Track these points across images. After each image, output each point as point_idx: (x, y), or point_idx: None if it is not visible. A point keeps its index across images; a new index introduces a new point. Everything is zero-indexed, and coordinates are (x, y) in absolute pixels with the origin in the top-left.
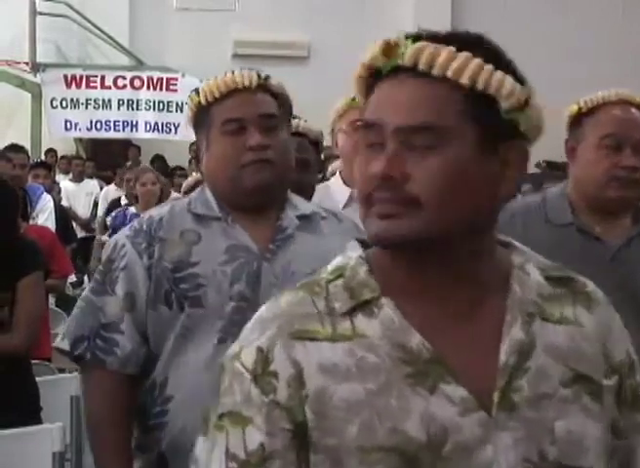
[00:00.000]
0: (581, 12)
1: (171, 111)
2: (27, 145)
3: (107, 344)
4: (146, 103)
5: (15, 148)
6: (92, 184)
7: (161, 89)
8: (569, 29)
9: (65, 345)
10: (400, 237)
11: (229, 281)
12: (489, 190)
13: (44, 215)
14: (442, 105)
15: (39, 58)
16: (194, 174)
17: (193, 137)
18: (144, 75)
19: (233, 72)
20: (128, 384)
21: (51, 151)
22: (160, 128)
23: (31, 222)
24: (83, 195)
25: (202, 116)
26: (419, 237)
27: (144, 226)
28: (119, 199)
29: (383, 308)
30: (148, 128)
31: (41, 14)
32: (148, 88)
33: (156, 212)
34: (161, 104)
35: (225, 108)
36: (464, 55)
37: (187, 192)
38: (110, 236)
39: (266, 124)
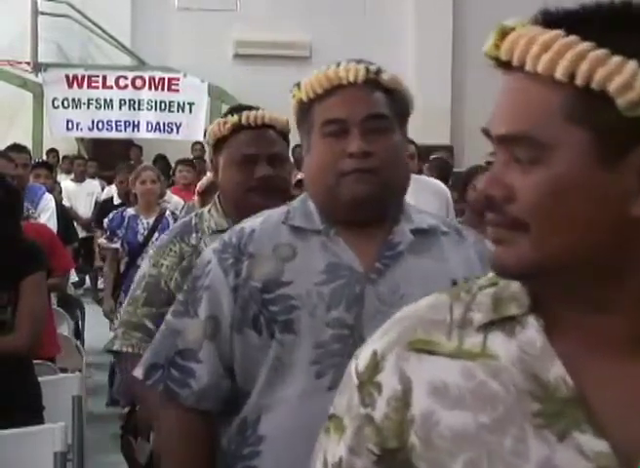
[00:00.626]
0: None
1: (172, 111)
2: (29, 145)
3: (182, 375)
4: (148, 103)
5: (17, 148)
6: (93, 184)
7: (163, 89)
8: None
9: (139, 373)
10: (510, 268)
11: (326, 304)
12: (616, 207)
13: (46, 215)
14: (539, 109)
15: (41, 58)
16: (208, 173)
17: (195, 137)
18: (146, 75)
19: (339, 64)
20: (208, 422)
21: (52, 151)
22: (162, 128)
23: (33, 222)
24: (84, 195)
25: (303, 114)
26: (529, 266)
27: (234, 239)
28: (112, 199)
29: (528, 328)
30: (150, 128)
31: (43, 13)
32: (150, 88)
33: (249, 223)
34: (163, 104)
35: (327, 107)
36: (566, 40)
37: (202, 194)
38: (108, 239)
39: (374, 126)
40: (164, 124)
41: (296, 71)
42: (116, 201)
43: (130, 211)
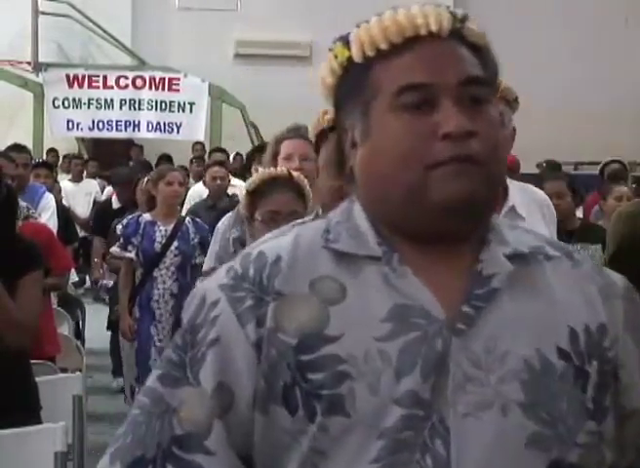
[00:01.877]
0: (585, 17)
1: (173, 111)
2: (29, 145)
3: None
4: (148, 103)
5: (17, 148)
6: (91, 184)
7: (163, 89)
8: (571, 31)
9: None
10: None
11: (394, 371)
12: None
13: (46, 215)
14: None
15: (41, 58)
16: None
17: (195, 137)
18: (146, 75)
19: (410, 9)
20: None
21: (52, 151)
22: (162, 127)
23: (33, 222)
24: (82, 195)
25: (354, 81)
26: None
27: (250, 270)
28: (109, 201)
29: None
30: (150, 127)
31: (43, 13)
32: (150, 88)
33: (270, 244)
34: (163, 104)
35: (401, 68)
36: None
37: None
38: (122, 248)
39: (472, 95)
40: (164, 124)
41: (296, 71)
42: (115, 205)
43: (146, 216)
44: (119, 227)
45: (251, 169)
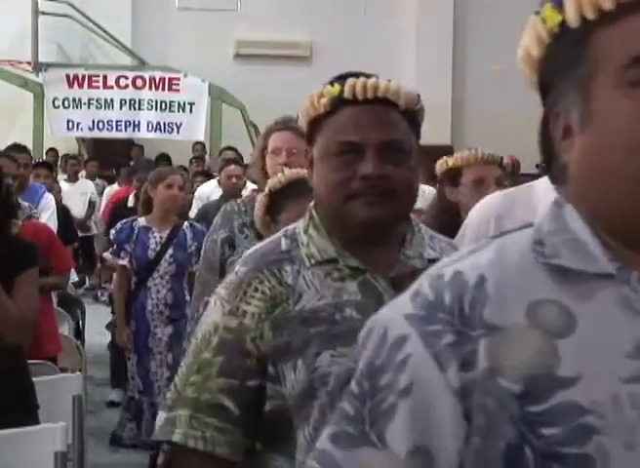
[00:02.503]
0: None
1: (173, 111)
2: (29, 145)
3: None
4: (148, 103)
5: (17, 148)
6: (87, 184)
7: (163, 89)
8: None
9: None
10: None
11: None
12: None
13: (46, 214)
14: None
15: (41, 58)
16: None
17: (195, 137)
18: (146, 75)
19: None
20: None
21: (52, 151)
22: (162, 128)
23: (35, 221)
24: (78, 195)
25: (568, 52)
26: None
27: (446, 297)
28: (125, 200)
29: None
30: (150, 128)
31: (43, 13)
32: (150, 88)
33: (466, 262)
34: (163, 104)
35: (634, 34)
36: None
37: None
38: (115, 254)
39: None
40: (164, 124)
41: (296, 71)
42: (130, 203)
43: (141, 221)
44: (112, 232)
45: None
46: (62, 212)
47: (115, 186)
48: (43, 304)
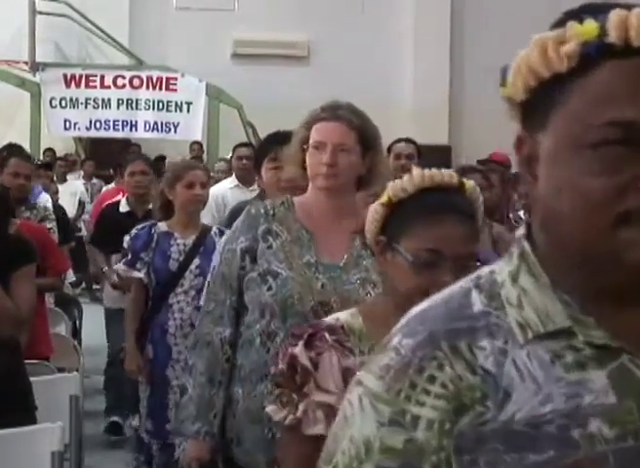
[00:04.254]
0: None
1: (170, 111)
2: (27, 145)
3: None
4: (146, 103)
5: (21, 155)
6: (76, 185)
7: (160, 88)
8: None
9: None
10: None
11: None
12: None
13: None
14: None
15: (38, 58)
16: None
17: (193, 137)
18: (144, 75)
19: None
20: None
21: (49, 150)
22: (159, 127)
23: (31, 222)
24: (67, 195)
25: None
26: None
27: None
28: (117, 204)
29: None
30: (148, 127)
31: (41, 13)
32: (148, 87)
33: None
34: (160, 104)
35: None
36: None
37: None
38: (130, 265)
39: None
40: (162, 123)
41: (294, 71)
42: (123, 208)
43: (161, 226)
44: (126, 239)
45: (261, 171)
46: (59, 211)
47: (112, 186)
48: (36, 305)
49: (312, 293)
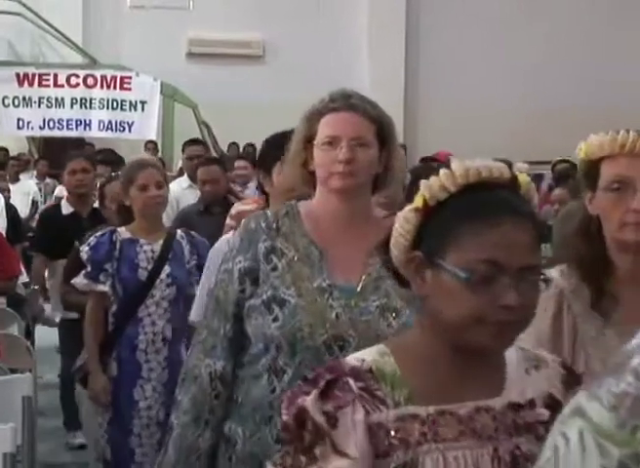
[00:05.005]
0: (547, 21)
1: (125, 110)
2: None
3: None
4: (100, 102)
5: None
6: (29, 184)
7: (115, 87)
8: (529, 34)
9: None
10: None
11: None
12: None
13: None
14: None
15: None
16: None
17: (147, 136)
18: (98, 73)
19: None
20: None
21: (2, 150)
22: (114, 126)
23: None
24: (20, 195)
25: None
26: None
27: None
28: (58, 205)
29: None
30: (102, 126)
31: None
32: (102, 86)
33: None
34: (115, 103)
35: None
36: None
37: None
38: (92, 278)
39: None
40: (116, 123)
41: (249, 70)
42: (65, 210)
43: (122, 232)
44: (85, 249)
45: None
46: (10, 211)
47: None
48: None
49: (325, 325)
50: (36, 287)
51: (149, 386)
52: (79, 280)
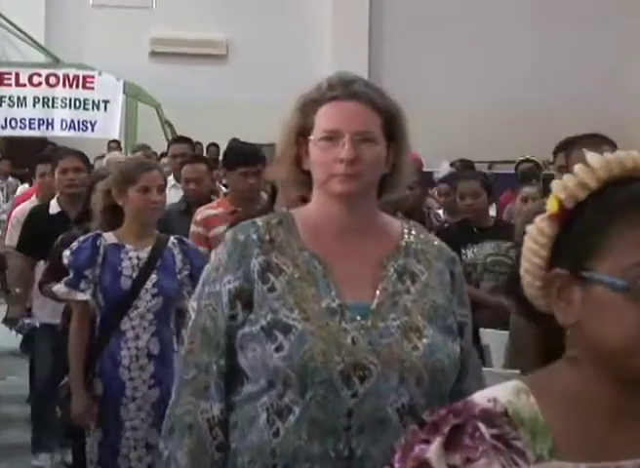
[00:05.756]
0: (503, 19)
1: (87, 109)
2: None
3: None
4: (62, 101)
5: None
6: None
7: (77, 86)
8: (489, 32)
9: None
10: None
11: None
12: None
13: None
14: None
15: None
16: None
17: (110, 135)
18: (60, 73)
19: None
20: None
21: None
22: (76, 126)
23: None
24: None
25: None
26: None
27: None
28: (47, 205)
29: None
30: (64, 126)
31: None
32: (64, 85)
33: None
34: (77, 102)
35: None
36: None
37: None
38: (71, 286)
39: None
40: (79, 122)
41: (212, 69)
42: (53, 209)
43: (108, 237)
44: (66, 254)
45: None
46: None
47: (27, 185)
48: None
49: (341, 353)
50: (17, 290)
51: (133, 405)
52: (59, 287)
